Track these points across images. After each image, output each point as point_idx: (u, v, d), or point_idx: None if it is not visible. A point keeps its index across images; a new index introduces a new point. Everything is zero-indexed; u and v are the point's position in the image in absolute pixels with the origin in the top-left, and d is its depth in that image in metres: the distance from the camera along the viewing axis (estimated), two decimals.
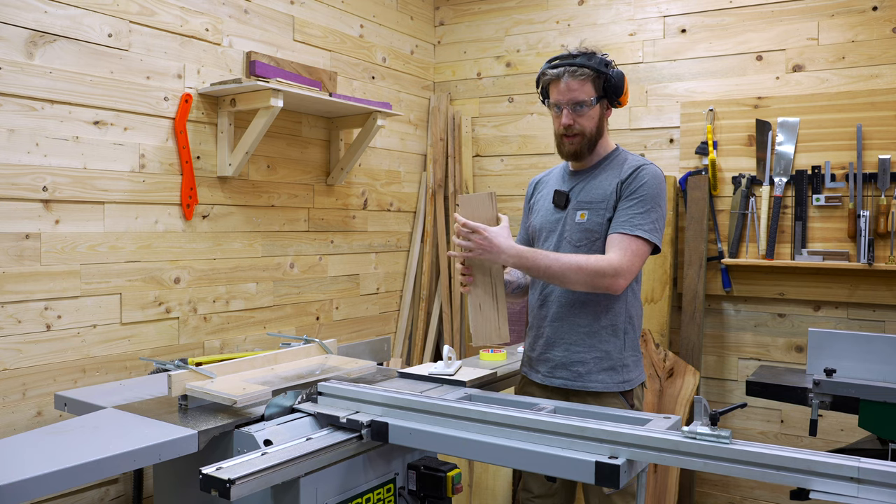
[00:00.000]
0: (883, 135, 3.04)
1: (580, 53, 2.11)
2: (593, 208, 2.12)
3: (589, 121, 2.11)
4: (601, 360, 2.11)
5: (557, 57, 2.14)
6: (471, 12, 4.08)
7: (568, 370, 2.14)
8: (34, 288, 2.28)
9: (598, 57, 2.11)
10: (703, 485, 3.45)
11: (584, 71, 2.08)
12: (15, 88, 2.21)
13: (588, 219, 2.12)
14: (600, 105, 2.13)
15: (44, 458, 1.53)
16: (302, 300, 3.27)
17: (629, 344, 2.14)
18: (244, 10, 2.95)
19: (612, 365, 2.12)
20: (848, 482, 1.36)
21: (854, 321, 3.15)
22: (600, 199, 2.12)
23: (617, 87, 2.11)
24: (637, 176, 2.08)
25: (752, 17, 3.33)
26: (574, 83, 2.09)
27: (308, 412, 1.93)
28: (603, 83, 2.10)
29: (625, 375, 2.12)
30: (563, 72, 2.09)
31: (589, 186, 2.16)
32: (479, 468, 3.33)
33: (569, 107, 2.10)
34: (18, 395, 2.25)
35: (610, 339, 2.12)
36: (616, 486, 1.52)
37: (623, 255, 2.01)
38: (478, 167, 4.08)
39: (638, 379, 2.16)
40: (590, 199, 2.14)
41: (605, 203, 2.10)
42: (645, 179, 2.07)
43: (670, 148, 3.52)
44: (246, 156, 2.80)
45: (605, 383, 2.11)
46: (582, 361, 2.12)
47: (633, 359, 2.15)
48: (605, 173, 2.15)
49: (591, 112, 2.11)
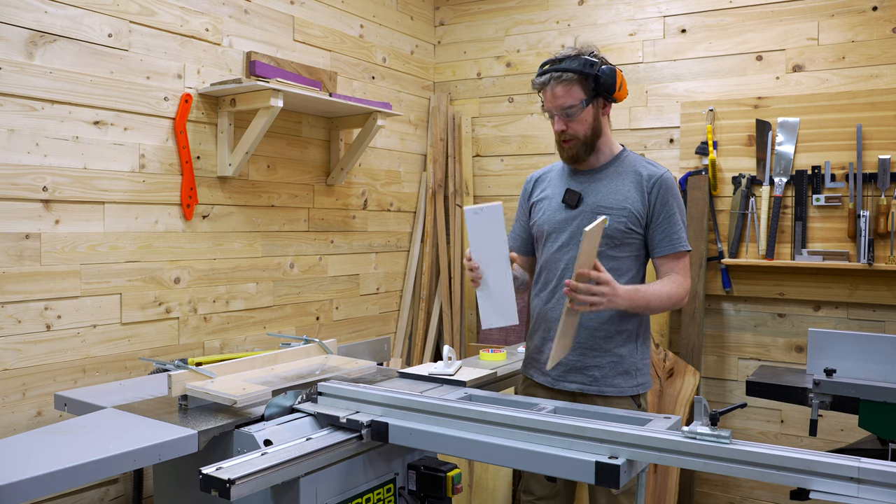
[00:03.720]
0: (883, 135, 3.04)
1: (565, 57, 2.07)
2: (613, 214, 2.09)
3: (581, 124, 2.09)
4: (616, 365, 2.11)
5: (547, 61, 2.11)
6: (471, 12, 4.08)
7: (583, 374, 2.13)
8: (34, 288, 2.28)
9: (582, 58, 2.05)
10: (703, 485, 3.45)
11: (569, 75, 2.04)
12: (15, 88, 2.21)
13: (609, 224, 2.08)
14: (593, 105, 2.09)
15: (44, 458, 1.53)
16: (302, 300, 3.27)
17: (641, 348, 2.15)
18: (244, 10, 2.95)
19: (626, 369, 2.12)
20: (848, 482, 1.36)
21: (854, 321, 3.15)
22: (619, 205, 2.10)
23: (608, 84, 2.06)
24: (661, 186, 2.10)
25: (752, 17, 3.33)
26: (560, 89, 2.06)
27: (308, 412, 1.93)
28: (592, 83, 2.05)
29: (639, 379, 2.14)
30: (549, 78, 2.07)
31: (604, 189, 2.13)
32: (479, 468, 3.33)
33: (559, 113, 2.08)
34: (18, 395, 2.25)
35: (625, 344, 2.12)
36: (616, 486, 1.53)
37: (686, 274, 2.12)
38: (478, 167, 4.08)
39: (649, 383, 2.18)
40: (609, 203, 2.11)
41: (626, 211, 2.09)
42: (671, 191, 2.11)
43: (670, 148, 3.52)
44: (246, 156, 2.80)
45: (619, 388, 2.11)
46: (598, 366, 2.11)
47: (644, 362, 2.16)
48: (618, 178, 2.13)
49: (584, 115, 2.08)
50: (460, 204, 4.01)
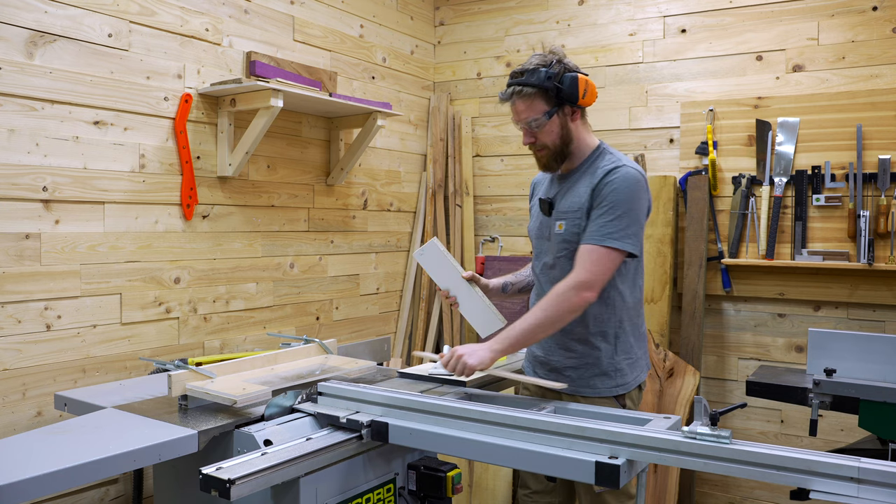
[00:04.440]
0: (883, 135, 3.04)
1: (526, 70, 2.06)
2: (569, 218, 2.12)
3: (548, 135, 2.10)
4: (592, 367, 2.12)
5: (512, 73, 2.11)
6: (471, 12, 4.08)
7: (561, 375, 2.15)
8: (34, 288, 2.28)
9: (542, 71, 2.04)
10: (703, 485, 3.45)
11: (529, 90, 2.04)
12: (15, 88, 2.21)
13: (565, 229, 2.12)
14: (559, 115, 2.08)
15: (44, 458, 1.53)
16: (302, 300, 3.27)
17: (622, 348, 2.13)
18: (244, 10, 2.95)
19: (603, 370, 2.11)
20: (848, 482, 1.36)
21: (854, 321, 3.15)
22: (575, 208, 2.10)
23: (571, 93, 2.05)
24: (608, 182, 2.04)
25: (752, 17, 3.33)
26: (521, 104, 2.07)
27: (308, 412, 1.93)
28: (554, 94, 2.05)
29: (618, 380, 2.12)
30: (512, 93, 2.07)
31: (569, 194, 2.15)
32: (479, 468, 3.33)
33: (525, 126, 2.10)
34: (18, 395, 2.25)
35: (600, 345, 2.11)
36: (616, 486, 1.53)
37: (583, 268, 2.00)
38: (478, 167, 4.08)
39: (634, 382, 2.15)
40: (567, 208, 2.13)
41: (580, 212, 2.09)
42: (615, 185, 2.03)
43: (670, 148, 3.52)
44: (246, 156, 2.80)
45: (596, 388, 2.11)
46: (574, 367, 2.13)
47: (627, 362, 2.14)
48: (584, 178, 2.13)
49: (549, 126, 2.08)
50: (460, 204, 4.01)
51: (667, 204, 3.40)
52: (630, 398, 2.15)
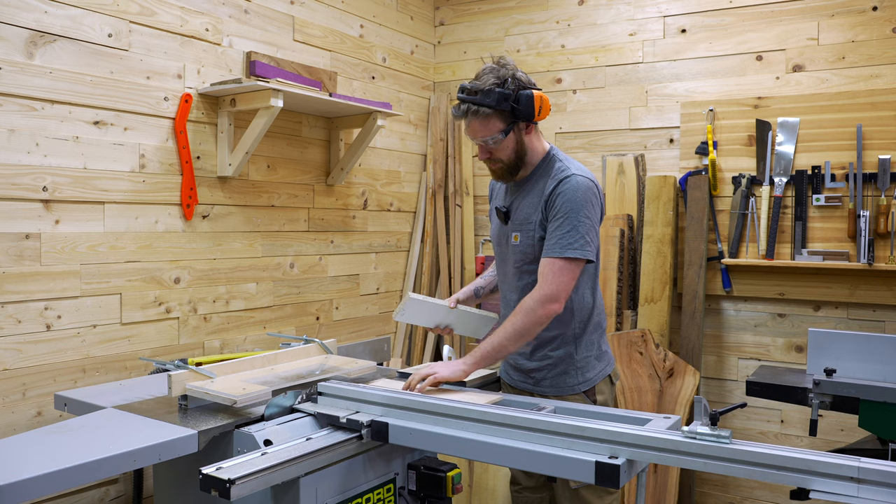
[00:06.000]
0: (883, 135, 3.04)
1: (480, 90, 2.02)
2: (523, 230, 2.15)
3: (503, 151, 2.10)
4: (553, 367, 2.16)
5: (463, 87, 2.06)
6: (471, 12, 4.08)
7: (527, 376, 2.21)
8: (34, 288, 2.28)
9: (496, 91, 2.00)
10: (703, 485, 3.45)
11: (485, 110, 2.02)
12: (15, 88, 2.21)
13: (520, 241, 2.15)
14: (514, 131, 2.07)
15: (44, 458, 1.53)
16: (302, 300, 3.27)
17: (584, 346, 2.16)
18: (244, 10, 2.95)
19: (565, 370, 2.16)
20: (848, 482, 1.36)
21: (854, 321, 3.15)
22: (530, 220, 2.13)
23: (527, 113, 2.03)
24: (559, 192, 2.06)
25: (752, 17, 3.33)
26: (477, 123, 2.06)
27: (308, 412, 1.93)
28: (510, 112, 2.03)
29: (580, 377, 2.15)
30: (467, 111, 2.05)
31: (523, 204, 2.17)
32: (479, 468, 3.32)
33: (481, 142, 2.10)
34: (18, 395, 2.25)
35: (561, 348, 2.16)
36: (616, 486, 1.53)
37: (546, 282, 2.02)
38: (478, 167, 4.08)
39: (599, 376, 2.18)
40: (521, 219, 2.16)
41: (533, 225, 2.12)
42: (567, 195, 2.04)
43: (670, 148, 3.52)
44: (246, 156, 2.80)
45: (559, 388, 2.15)
46: (537, 369, 2.18)
47: (586, 360, 2.17)
48: (533, 190, 2.15)
49: (505, 143, 2.08)
50: (460, 204, 4.01)
51: (667, 204, 3.40)
52: (599, 391, 2.18)
